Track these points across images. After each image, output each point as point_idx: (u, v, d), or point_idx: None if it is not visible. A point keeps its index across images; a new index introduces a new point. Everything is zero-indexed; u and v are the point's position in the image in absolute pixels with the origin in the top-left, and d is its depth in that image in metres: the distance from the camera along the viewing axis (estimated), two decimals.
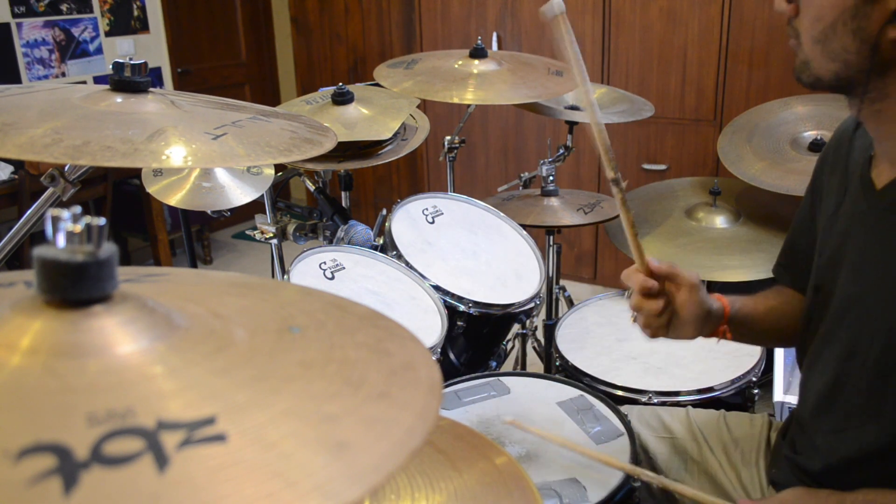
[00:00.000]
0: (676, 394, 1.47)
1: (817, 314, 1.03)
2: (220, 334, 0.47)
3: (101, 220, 0.42)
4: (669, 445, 1.27)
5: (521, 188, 2.21)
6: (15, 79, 3.39)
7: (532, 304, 1.72)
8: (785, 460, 1.10)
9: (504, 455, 0.77)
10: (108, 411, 0.38)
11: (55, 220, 0.42)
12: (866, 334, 0.93)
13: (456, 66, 1.85)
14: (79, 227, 0.42)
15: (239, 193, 1.72)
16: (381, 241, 1.76)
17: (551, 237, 2.06)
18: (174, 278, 0.58)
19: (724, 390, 1.49)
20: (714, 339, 1.10)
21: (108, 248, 0.43)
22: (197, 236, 4.13)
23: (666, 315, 1.02)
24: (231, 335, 0.47)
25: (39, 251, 0.42)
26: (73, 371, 0.41)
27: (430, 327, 1.53)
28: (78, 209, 0.43)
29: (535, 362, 2.11)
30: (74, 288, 0.42)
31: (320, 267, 1.58)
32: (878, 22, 0.80)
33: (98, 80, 3.70)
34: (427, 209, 1.84)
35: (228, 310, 0.51)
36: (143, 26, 3.84)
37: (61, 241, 0.42)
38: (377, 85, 1.85)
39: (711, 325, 1.06)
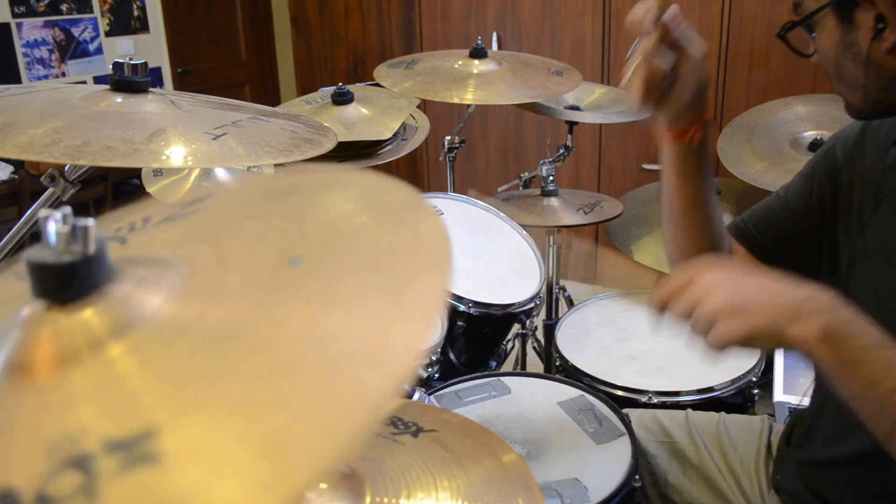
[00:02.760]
0: (676, 394, 1.47)
1: None
2: (210, 293, 0.44)
3: (90, 221, 0.42)
4: (668, 449, 1.27)
5: (521, 188, 2.22)
6: (15, 79, 3.39)
7: (532, 304, 1.72)
8: (791, 464, 1.10)
9: (511, 453, 0.77)
10: (63, 435, 0.35)
11: (44, 220, 0.42)
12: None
13: (456, 66, 1.85)
14: (66, 228, 0.41)
15: None
16: None
17: (551, 237, 2.06)
18: (212, 203, 0.56)
19: (724, 390, 1.49)
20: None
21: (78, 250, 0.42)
22: None
23: (665, 81, 0.94)
24: (221, 293, 0.44)
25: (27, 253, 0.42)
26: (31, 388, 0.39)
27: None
28: (68, 209, 0.43)
29: (535, 362, 2.11)
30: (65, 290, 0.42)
31: None
32: (866, 43, 0.84)
33: (98, 80, 3.70)
34: None
35: (238, 243, 0.48)
36: (143, 26, 3.85)
37: (52, 242, 0.42)
38: (377, 85, 1.85)
39: (693, 115, 0.98)
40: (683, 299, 0.78)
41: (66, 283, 0.42)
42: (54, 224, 0.41)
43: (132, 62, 0.93)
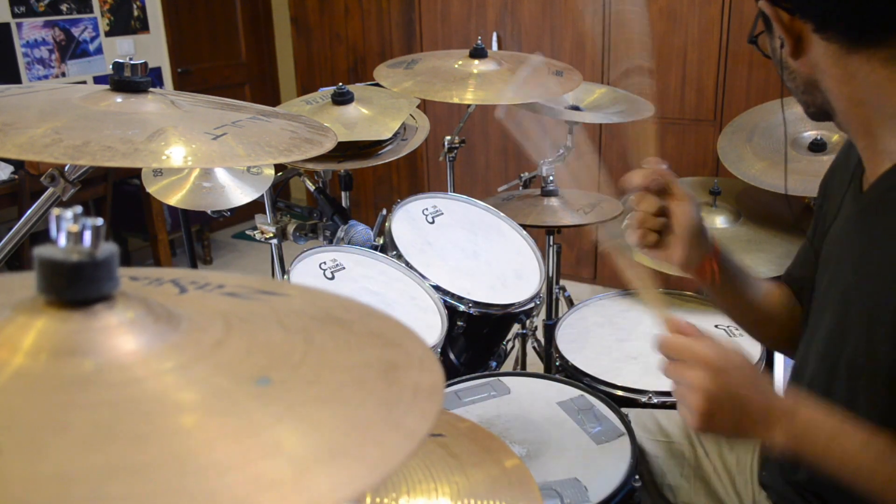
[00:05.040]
0: None
1: (804, 315, 1.04)
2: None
3: (99, 221, 0.42)
4: (666, 449, 1.27)
5: (521, 188, 2.21)
6: (15, 79, 3.39)
7: (532, 304, 1.72)
8: (773, 462, 1.10)
9: (514, 457, 0.77)
10: None
11: (58, 219, 0.42)
12: (847, 326, 0.93)
13: (456, 66, 1.85)
14: (76, 227, 0.42)
15: (239, 193, 1.71)
16: (381, 241, 1.76)
17: (551, 237, 2.06)
18: (274, 302, 0.53)
19: None
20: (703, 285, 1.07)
21: (102, 249, 0.42)
22: (197, 236, 4.13)
23: (660, 221, 1.01)
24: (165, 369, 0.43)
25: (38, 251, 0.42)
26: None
27: (430, 327, 1.53)
28: (79, 209, 0.43)
29: (535, 362, 2.11)
30: (72, 289, 0.42)
31: (320, 267, 1.58)
32: (778, 48, 0.91)
33: (98, 80, 3.70)
34: (427, 209, 1.84)
35: (249, 344, 0.47)
36: (143, 26, 3.84)
37: (62, 240, 0.42)
38: (377, 85, 1.85)
39: (701, 251, 1.02)
40: (673, 372, 0.90)
41: (70, 282, 0.42)
42: (67, 222, 0.42)
43: (132, 62, 0.93)
